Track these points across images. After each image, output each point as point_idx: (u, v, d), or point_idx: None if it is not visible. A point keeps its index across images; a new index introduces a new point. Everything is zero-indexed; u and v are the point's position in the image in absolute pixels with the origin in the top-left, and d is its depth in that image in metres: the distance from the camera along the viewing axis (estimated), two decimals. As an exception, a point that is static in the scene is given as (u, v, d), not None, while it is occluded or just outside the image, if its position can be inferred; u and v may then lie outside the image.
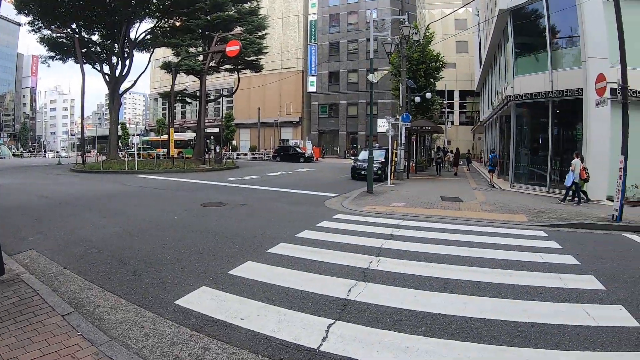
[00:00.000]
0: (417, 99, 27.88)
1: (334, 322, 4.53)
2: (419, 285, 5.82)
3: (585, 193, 16.07)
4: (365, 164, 21.88)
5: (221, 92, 43.08)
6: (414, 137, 30.69)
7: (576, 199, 15.64)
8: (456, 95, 69.28)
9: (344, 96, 57.46)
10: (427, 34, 32.45)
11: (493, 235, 9.53)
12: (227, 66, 38.66)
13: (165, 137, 47.24)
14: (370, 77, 17.42)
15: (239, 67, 38.24)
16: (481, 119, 45.02)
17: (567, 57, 19.19)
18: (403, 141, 24.13)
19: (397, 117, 23.32)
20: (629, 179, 15.68)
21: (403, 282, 5.92)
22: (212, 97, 39.89)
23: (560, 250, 8.23)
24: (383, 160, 23.94)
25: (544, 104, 19.53)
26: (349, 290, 5.46)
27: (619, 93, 12.65)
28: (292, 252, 7.27)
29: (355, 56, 56.88)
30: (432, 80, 32.68)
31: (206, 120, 46.68)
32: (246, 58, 36.16)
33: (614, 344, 4.25)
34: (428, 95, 29.16)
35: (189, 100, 41.72)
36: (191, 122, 67.91)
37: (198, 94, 36.44)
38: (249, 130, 63.72)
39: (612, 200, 14.66)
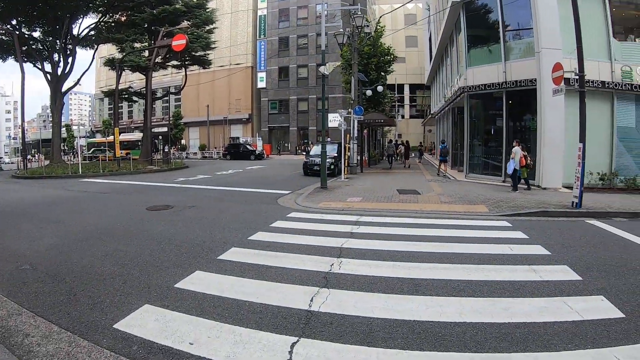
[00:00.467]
0: (369, 92, 27.70)
1: (298, 340, 4.00)
2: (388, 288, 5.38)
3: (526, 180, 16.54)
4: (317, 159, 21.58)
5: (168, 90, 41.44)
6: (365, 130, 30.51)
7: (520, 185, 16.09)
8: (406, 89, 70.10)
9: (294, 92, 56.87)
10: (378, 27, 32.27)
11: (457, 228, 9.32)
12: (174, 62, 37.28)
13: (111, 138, 45.06)
14: (321, 69, 17.00)
15: (186, 63, 37.03)
16: (432, 112, 45.46)
17: (520, 48, 19.38)
18: (356, 135, 23.85)
19: (349, 110, 23.03)
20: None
21: (370, 285, 5.48)
22: (159, 95, 38.13)
23: (528, 241, 8.09)
24: (336, 154, 23.64)
25: (497, 95, 19.68)
26: (311, 300, 4.95)
27: (574, 82, 12.79)
28: (246, 257, 6.71)
29: (305, 51, 56.38)
30: (383, 73, 32.62)
31: (154, 120, 45.24)
32: (193, 53, 35.11)
33: (604, 338, 4.01)
34: (380, 88, 29.03)
35: (135, 98, 40.13)
36: (138, 122, 65.38)
37: (144, 91, 35.11)
38: (198, 129, 62.36)
39: (569, 188, 15.10)
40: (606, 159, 17.97)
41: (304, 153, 37.67)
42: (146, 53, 33.56)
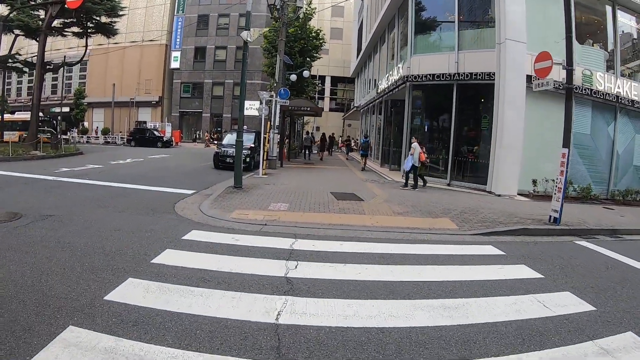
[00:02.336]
0: (293, 77, 24.09)
1: None
2: None
3: (422, 178, 15.79)
4: (231, 150, 18.21)
5: (64, 60, 35.23)
6: (286, 119, 27.18)
7: (412, 182, 15.28)
8: (327, 81, 67.62)
9: (210, 75, 52.36)
10: (308, 8, 28.97)
11: (438, 261, 6.53)
12: (75, 29, 31.62)
13: (9, 116, 39.35)
14: (244, 34, 13.40)
15: (89, 31, 31.52)
16: (356, 105, 43.13)
17: (478, 37, 17.20)
18: (277, 123, 20.55)
19: (272, 93, 19.73)
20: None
21: None
22: (52, 66, 32.18)
23: (546, 282, 5.79)
24: (253, 145, 20.26)
25: (446, 87, 17.44)
26: None
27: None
28: (85, 355, 3.27)
29: (225, 32, 52.11)
30: (308, 59, 29.59)
31: (54, 98, 39.27)
32: (97, 19, 29.88)
33: None
34: (306, 73, 25.83)
35: (24, 68, 34.29)
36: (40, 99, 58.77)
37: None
38: (104, 110, 55.93)
39: (524, 195, 14.96)
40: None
41: (216, 142, 33.70)
42: (43, 15, 27.94)
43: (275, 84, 21.92)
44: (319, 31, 30.94)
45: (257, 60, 45.41)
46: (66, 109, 53.45)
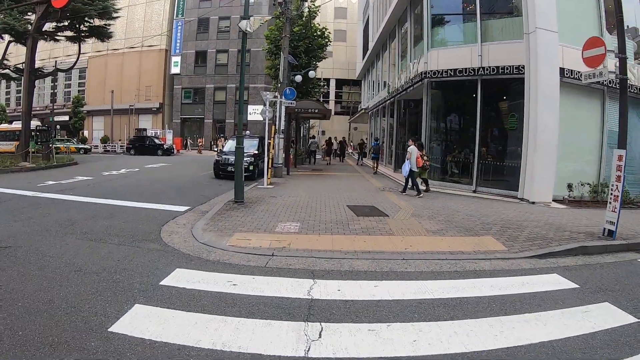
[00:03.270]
0: (299, 78, 21.97)
1: None
2: None
3: (426, 182, 15.02)
4: (232, 157, 16.52)
5: (55, 65, 32.96)
6: (292, 123, 25.35)
7: (413, 190, 14.10)
8: (332, 84, 66.00)
9: (212, 79, 50.65)
10: (312, 6, 27.23)
11: (510, 308, 4.69)
12: (69, 33, 29.82)
13: (4, 126, 39.08)
14: (242, 23, 11.68)
15: (82, 34, 29.78)
16: (364, 107, 41.42)
17: (503, 27, 15.46)
18: (283, 127, 18.81)
19: (277, 94, 18.03)
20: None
21: None
22: (44, 73, 30.26)
23: None
24: (256, 151, 18.62)
25: (469, 83, 15.74)
26: None
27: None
28: None
29: (226, 35, 50.44)
30: (314, 60, 27.89)
31: (54, 106, 37.72)
32: (90, 21, 28.20)
33: None
34: (312, 73, 24.07)
35: (13, 75, 32.59)
36: (38, 108, 57.04)
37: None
38: (103, 118, 54.47)
39: (559, 202, 13.23)
40: (594, 167, 14.74)
41: (216, 150, 32.05)
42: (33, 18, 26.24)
43: (279, 85, 20.22)
44: (324, 29, 29.24)
45: (260, 64, 43.97)
46: (66, 118, 52.14)
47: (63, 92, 57.90)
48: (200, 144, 47.06)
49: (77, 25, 27.86)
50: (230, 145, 19.47)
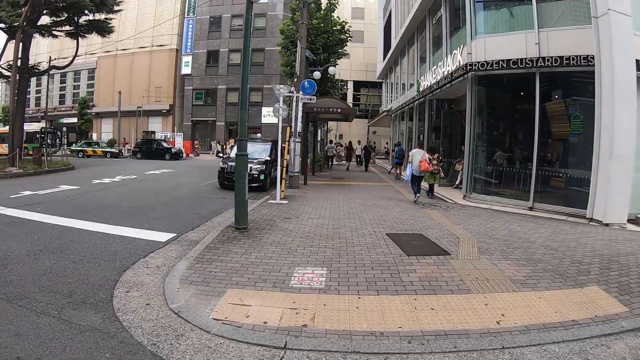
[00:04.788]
0: (317, 75, 19.01)
1: None
2: None
3: (431, 188, 14.63)
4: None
5: (49, 63, 29.56)
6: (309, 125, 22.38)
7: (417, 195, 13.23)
8: (350, 86, 63.40)
9: (224, 80, 47.96)
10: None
11: None
12: (68, 28, 27.25)
13: (6, 128, 36.43)
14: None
15: (81, 30, 27.14)
16: (386, 109, 38.60)
17: (565, 10, 12.66)
18: (300, 129, 16.04)
19: (292, 88, 15.37)
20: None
21: None
22: (38, 70, 27.39)
23: None
24: (268, 158, 16.01)
25: (524, 77, 12.97)
26: None
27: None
28: None
29: (240, 34, 47.68)
30: (333, 56, 25.17)
31: (62, 108, 35.85)
32: (89, 15, 25.62)
33: None
34: (332, 69, 21.39)
35: (5, 73, 30.01)
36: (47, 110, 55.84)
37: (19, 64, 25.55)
38: (112, 120, 52.27)
39: (632, 222, 10.72)
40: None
41: (220, 155, 29.47)
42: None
43: (295, 79, 17.50)
44: (344, 23, 26.58)
45: (275, 64, 41.61)
46: (74, 120, 50.28)
47: (72, 93, 56.02)
48: (197, 145, 44.76)
49: (76, 19, 25.41)
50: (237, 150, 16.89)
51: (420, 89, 20.94)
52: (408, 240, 7.69)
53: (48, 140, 29.12)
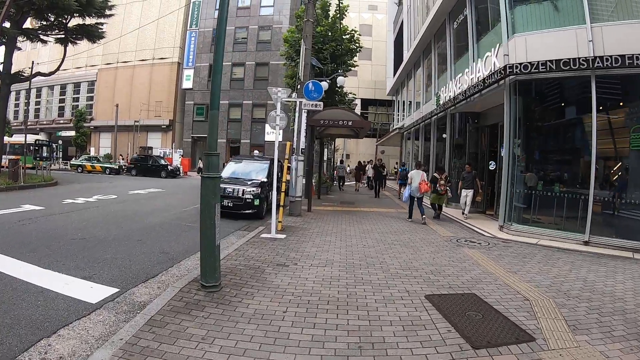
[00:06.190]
0: (325, 85, 16.31)
1: None
2: None
3: (440, 208, 14.50)
4: (231, 187, 11.82)
5: (31, 69, 27.05)
6: (315, 142, 19.44)
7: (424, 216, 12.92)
8: (357, 103, 61.36)
9: (226, 95, 45.28)
10: (341, 4, 22.03)
11: None
12: (59, 35, 25.01)
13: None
14: None
15: (71, 35, 24.93)
16: (398, 127, 36.18)
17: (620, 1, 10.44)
18: (303, 145, 13.35)
19: (294, 93, 13.03)
20: None
21: None
22: (23, 76, 24.76)
23: None
24: (264, 179, 13.55)
25: (574, 81, 10.96)
26: None
27: None
28: None
29: (243, 47, 45.92)
30: (341, 67, 22.80)
31: (60, 120, 34.10)
32: (79, 19, 23.45)
33: None
34: (340, 79, 18.95)
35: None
36: (45, 122, 54.81)
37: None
38: (111, 135, 50.23)
39: None
40: None
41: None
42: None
43: (298, 87, 15.12)
44: (353, 31, 24.37)
45: (279, 78, 39.33)
46: (72, 133, 48.63)
47: (71, 105, 54.24)
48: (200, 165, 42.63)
49: (65, 23, 23.28)
50: (230, 170, 14.43)
51: (441, 102, 18.51)
52: (461, 310, 5.11)
53: (44, 154, 27.06)
